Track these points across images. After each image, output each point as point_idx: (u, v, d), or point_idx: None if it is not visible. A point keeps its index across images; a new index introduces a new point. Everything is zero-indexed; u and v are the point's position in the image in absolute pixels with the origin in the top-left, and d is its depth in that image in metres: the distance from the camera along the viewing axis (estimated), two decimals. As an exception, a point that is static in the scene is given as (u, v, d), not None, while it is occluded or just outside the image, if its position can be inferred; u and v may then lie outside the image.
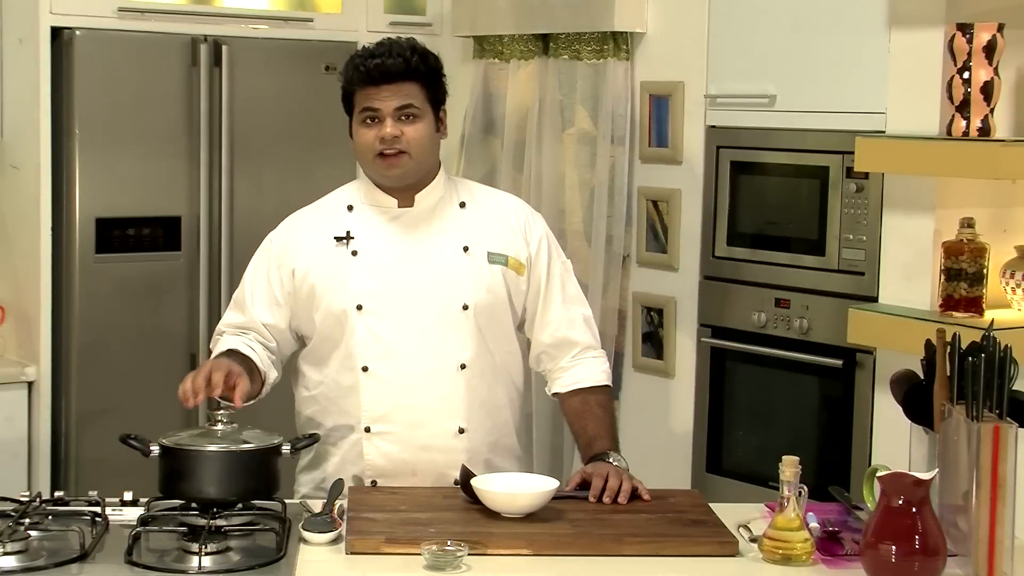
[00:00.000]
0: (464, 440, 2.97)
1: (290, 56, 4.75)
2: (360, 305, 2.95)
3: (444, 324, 2.96)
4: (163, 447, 2.69)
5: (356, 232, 3.00)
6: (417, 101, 2.93)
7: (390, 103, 2.91)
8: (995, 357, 2.46)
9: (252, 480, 2.69)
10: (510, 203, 3.14)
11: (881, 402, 3.80)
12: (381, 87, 2.90)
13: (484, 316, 2.98)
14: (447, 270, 2.97)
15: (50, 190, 4.38)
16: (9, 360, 4.51)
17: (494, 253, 3.01)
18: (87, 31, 4.39)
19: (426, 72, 2.94)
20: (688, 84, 4.40)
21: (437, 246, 2.99)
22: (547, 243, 3.09)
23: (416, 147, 2.93)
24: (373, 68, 2.91)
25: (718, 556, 2.54)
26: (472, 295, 2.97)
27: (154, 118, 4.49)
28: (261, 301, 3.03)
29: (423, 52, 2.96)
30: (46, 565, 2.40)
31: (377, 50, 2.94)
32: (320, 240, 3.01)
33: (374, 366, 2.95)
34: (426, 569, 2.42)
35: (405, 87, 2.91)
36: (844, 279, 3.97)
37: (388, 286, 2.96)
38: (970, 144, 3.52)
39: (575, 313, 3.10)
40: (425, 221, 3.00)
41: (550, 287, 3.07)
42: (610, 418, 3.09)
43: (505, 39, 4.89)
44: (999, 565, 2.41)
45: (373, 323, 2.95)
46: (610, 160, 4.55)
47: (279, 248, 3.06)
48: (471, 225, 3.02)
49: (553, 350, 3.09)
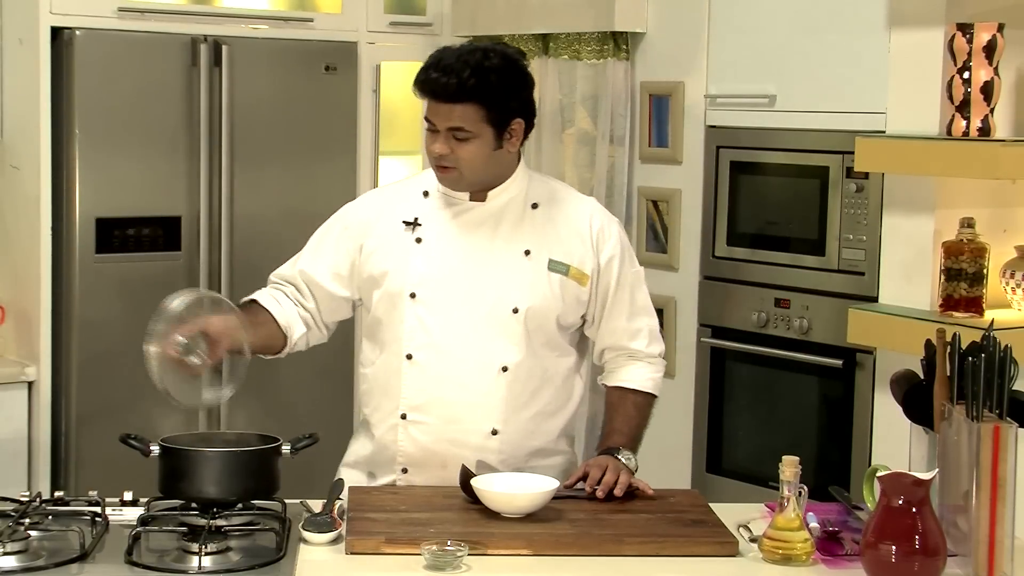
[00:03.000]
0: (496, 442, 2.95)
1: (290, 56, 4.75)
2: (414, 293, 2.94)
3: (492, 324, 2.94)
4: (163, 447, 2.69)
5: (424, 220, 2.99)
6: (469, 123, 2.84)
7: (442, 121, 2.86)
8: (995, 357, 2.46)
9: (252, 480, 2.69)
10: (586, 209, 3.06)
11: (881, 402, 3.80)
12: (436, 103, 2.87)
13: (534, 322, 2.95)
14: (504, 271, 2.95)
15: (50, 190, 4.38)
16: (9, 360, 4.51)
17: (556, 261, 2.97)
18: (87, 31, 4.39)
19: (485, 93, 2.84)
20: (688, 84, 4.40)
21: (499, 246, 2.96)
22: (620, 253, 3.04)
23: (467, 166, 2.89)
24: (428, 83, 2.86)
25: (718, 556, 2.54)
26: (524, 299, 2.94)
27: (154, 118, 4.49)
28: (317, 261, 3.04)
29: (485, 70, 2.84)
30: (46, 565, 2.40)
31: (440, 61, 2.86)
32: (391, 221, 3.01)
33: (418, 355, 2.95)
34: (426, 569, 2.42)
35: (458, 109, 2.84)
36: (844, 279, 3.97)
37: (444, 278, 2.95)
38: (970, 144, 3.52)
39: (640, 324, 3.08)
40: (493, 219, 2.98)
41: (618, 298, 3.04)
42: (640, 420, 3.09)
43: (505, 39, 4.89)
44: (999, 565, 2.41)
45: (423, 313, 2.94)
46: (610, 160, 4.56)
47: (354, 220, 3.05)
48: (539, 229, 2.98)
49: (611, 352, 3.10)
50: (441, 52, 2.91)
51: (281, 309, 3.02)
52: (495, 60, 2.87)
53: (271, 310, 3.01)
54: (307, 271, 3.04)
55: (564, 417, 3.06)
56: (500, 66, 2.87)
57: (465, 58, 2.85)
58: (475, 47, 2.90)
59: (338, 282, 3.04)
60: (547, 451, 3.03)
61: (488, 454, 2.94)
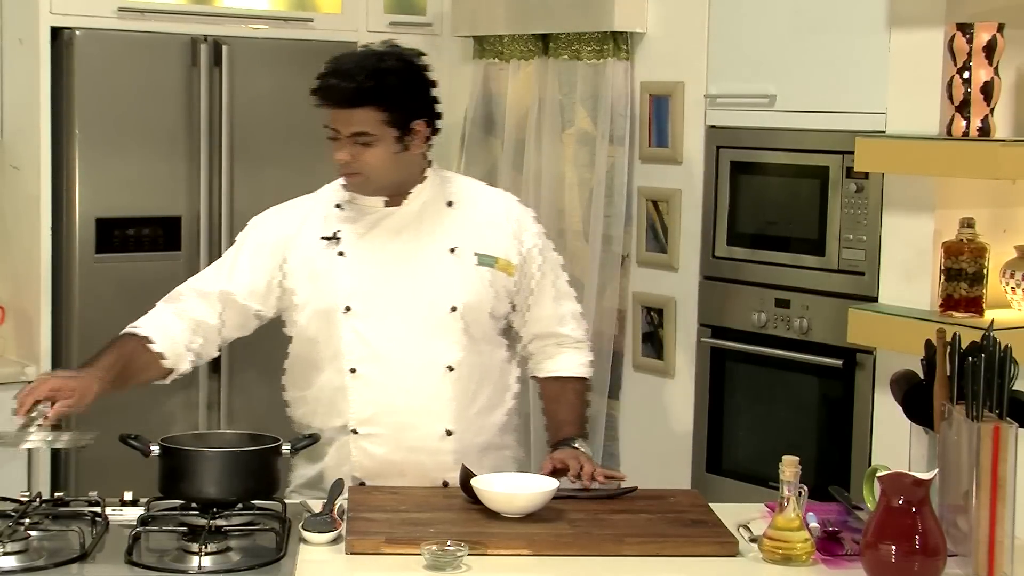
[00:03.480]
0: (452, 442, 2.96)
1: (290, 56, 4.74)
2: (347, 307, 2.93)
3: (431, 326, 2.94)
4: (163, 447, 2.69)
5: (344, 232, 2.97)
6: (371, 127, 2.84)
7: (341, 126, 2.85)
8: (995, 357, 2.46)
9: (252, 480, 2.69)
10: (502, 202, 3.11)
11: (881, 402, 3.79)
12: (336, 109, 2.85)
13: (471, 318, 2.97)
14: (434, 272, 2.95)
15: (50, 190, 4.38)
16: (9, 360, 4.51)
17: (482, 254, 2.99)
18: (87, 31, 4.39)
19: (384, 95, 2.83)
20: (688, 84, 4.40)
21: (425, 247, 2.96)
22: (539, 241, 3.09)
23: (372, 170, 2.88)
24: (326, 90, 2.85)
25: (718, 556, 2.54)
26: (459, 297, 2.95)
27: (154, 118, 4.49)
28: (234, 277, 2.98)
29: (382, 72, 2.84)
30: (46, 565, 2.40)
31: (336, 67, 2.86)
32: (309, 238, 2.98)
33: (361, 368, 2.93)
34: (426, 569, 2.42)
35: (357, 113, 2.83)
36: (844, 279, 3.97)
37: (375, 288, 2.94)
38: (970, 144, 3.52)
39: (565, 309, 3.12)
40: (414, 221, 2.97)
41: (543, 284, 3.08)
42: (583, 406, 3.12)
43: (505, 39, 4.89)
44: (999, 565, 2.41)
45: (360, 325, 2.93)
46: (609, 160, 4.55)
47: (271, 236, 3.01)
48: (460, 225, 2.99)
49: (539, 342, 3.12)
50: (338, 58, 2.90)
51: (171, 344, 2.94)
52: (392, 62, 2.86)
53: (162, 351, 2.92)
54: (225, 287, 2.98)
55: (504, 410, 3.07)
56: (398, 68, 2.87)
57: (362, 62, 2.85)
58: (372, 51, 2.90)
59: (253, 299, 2.99)
60: (495, 446, 3.05)
61: (444, 456, 2.95)
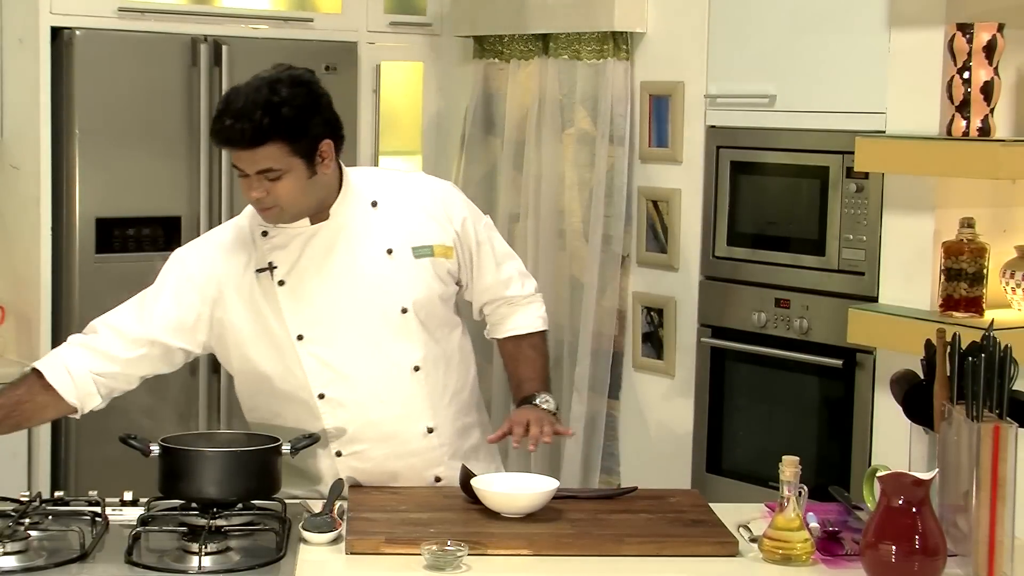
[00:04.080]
0: (435, 438, 2.95)
1: (290, 56, 4.66)
2: (300, 335, 2.87)
3: (388, 332, 2.90)
4: (163, 447, 2.69)
5: (277, 260, 2.89)
6: (276, 162, 2.73)
7: (248, 166, 2.75)
8: (995, 357, 2.46)
9: (252, 480, 2.69)
10: (422, 186, 3.05)
11: (881, 402, 3.80)
12: (238, 151, 2.74)
13: (424, 312, 2.94)
14: (377, 277, 2.90)
15: (50, 190, 4.38)
16: (9, 360, 4.51)
17: (418, 247, 2.94)
18: (87, 31, 4.39)
19: (283, 129, 2.73)
20: (688, 84, 4.40)
21: (361, 256, 2.90)
22: (468, 212, 3.04)
23: (286, 201, 2.80)
24: (223, 132, 2.74)
25: (718, 556, 2.54)
26: (407, 296, 2.91)
27: (154, 118, 4.49)
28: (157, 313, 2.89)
29: (276, 105, 2.73)
30: (46, 565, 2.40)
31: (227, 108, 2.74)
32: (240, 272, 2.89)
33: (330, 391, 2.89)
34: (426, 569, 2.42)
35: (260, 152, 2.72)
36: (844, 279, 3.97)
37: (323, 310, 2.88)
38: (970, 144, 3.52)
39: (509, 271, 3.11)
40: (343, 232, 2.90)
41: (483, 253, 3.05)
42: (542, 360, 3.13)
43: (505, 39, 4.89)
44: (999, 565, 2.41)
45: (317, 350, 2.88)
46: (609, 160, 4.55)
47: (197, 272, 2.91)
48: (388, 224, 2.94)
49: (490, 306, 3.12)
50: (229, 96, 2.78)
51: (73, 386, 2.82)
52: (284, 91, 2.77)
53: (61, 391, 2.81)
54: (146, 325, 2.88)
55: (469, 387, 3.07)
56: (291, 96, 2.76)
57: (253, 98, 2.74)
58: (261, 82, 2.78)
59: (180, 336, 2.90)
60: (470, 426, 3.05)
61: (431, 452, 2.95)
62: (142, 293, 2.96)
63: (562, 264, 4.72)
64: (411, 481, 2.94)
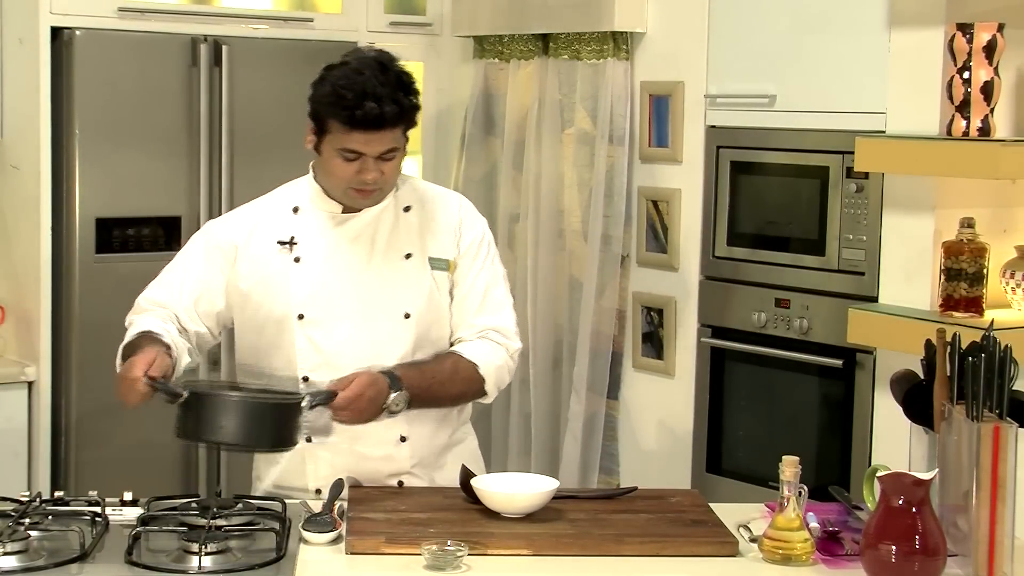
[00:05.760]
0: (407, 448, 2.93)
1: (290, 56, 4.74)
2: (301, 314, 2.88)
3: (385, 333, 2.90)
4: (193, 391, 2.66)
5: (300, 237, 2.92)
6: (398, 141, 2.81)
7: (376, 148, 2.78)
8: (995, 357, 2.46)
9: (274, 431, 2.68)
10: (453, 203, 3.04)
11: (881, 402, 3.80)
12: (372, 132, 2.76)
13: (425, 323, 2.93)
14: (389, 278, 2.91)
15: (50, 190, 4.38)
16: (9, 360, 4.51)
17: (436, 259, 2.95)
18: (87, 31, 4.38)
19: (414, 108, 2.81)
20: (688, 84, 4.40)
21: (380, 253, 2.92)
22: (477, 247, 3.00)
23: (391, 181, 2.86)
24: (367, 116, 2.74)
25: (718, 556, 2.54)
26: (414, 303, 2.91)
27: (154, 118, 4.49)
28: (195, 287, 2.94)
29: (408, 86, 2.79)
30: (46, 565, 2.40)
31: (366, 91, 2.74)
32: (263, 241, 2.94)
33: (314, 375, 2.88)
34: (426, 569, 2.42)
35: (393, 132, 2.78)
36: (844, 279, 3.97)
37: (330, 295, 2.89)
38: (970, 144, 3.52)
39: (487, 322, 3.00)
40: (370, 227, 2.92)
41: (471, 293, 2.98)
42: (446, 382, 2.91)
43: (505, 39, 4.89)
44: (999, 565, 2.41)
45: (313, 332, 2.89)
46: (609, 160, 4.55)
47: (223, 240, 2.96)
48: (415, 231, 2.95)
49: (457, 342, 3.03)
50: (357, 81, 2.76)
51: (171, 339, 2.85)
52: (405, 75, 2.81)
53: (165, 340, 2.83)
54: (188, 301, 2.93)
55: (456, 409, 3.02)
56: (411, 78, 2.82)
57: (383, 80, 2.75)
58: (373, 64, 2.78)
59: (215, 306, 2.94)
60: (449, 445, 3.01)
61: (400, 462, 2.93)
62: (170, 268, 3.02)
63: (561, 264, 4.72)
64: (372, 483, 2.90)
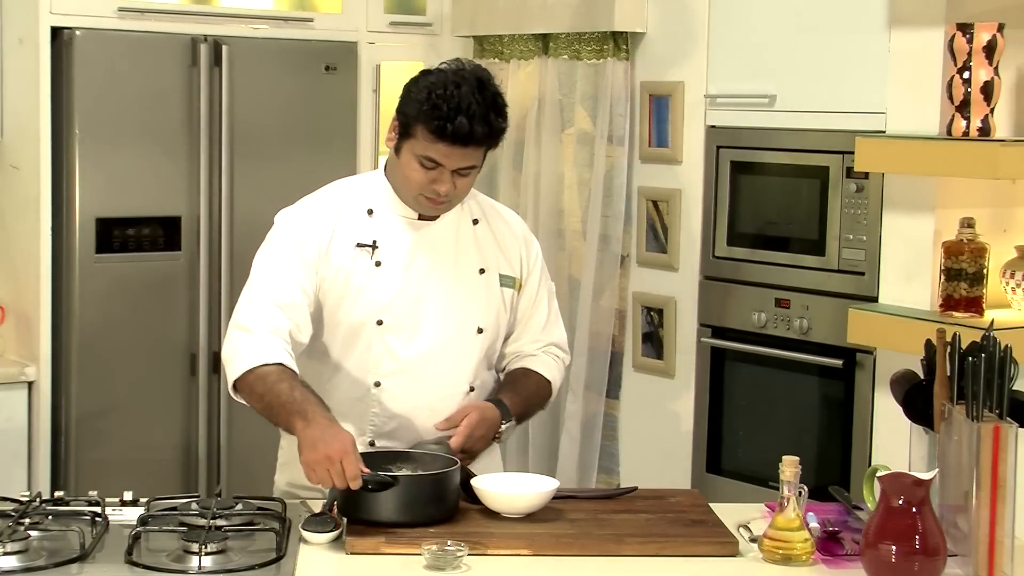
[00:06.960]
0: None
1: (290, 56, 4.75)
2: (381, 320, 2.86)
3: (458, 346, 2.91)
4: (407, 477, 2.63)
5: (380, 241, 2.88)
6: (478, 159, 2.80)
7: (456, 162, 2.76)
8: (995, 357, 2.46)
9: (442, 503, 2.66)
10: (515, 221, 3.08)
11: (881, 402, 3.80)
12: (458, 147, 2.74)
13: (490, 339, 2.95)
14: (466, 291, 2.92)
15: (50, 190, 4.38)
16: (9, 360, 4.51)
17: (505, 276, 2.97)
18: (87, 31, 4.38)
19: (501, 131, 2.79)
20: (688, 84, 4.40)
21: (456, 266, 2.92)
22: (540, 265, 3.05)
23: (462, 195, 2.86)
24: (457, 131, 2.71)
25: (718, 556, 2.54)
26: (486, 319, 2.93)
27: (154, 118, 4.49)
28: (299, 292, 2.83)
29: (500, 108, 2.78)
30: (46, 565, 2.40)
31: (461, 107, 2.71)
32: (343, 242, 2.88)
33: (387, 382, 2.88)
34: (426, 569, 2.42)
35: (477, 150, 2.77)
36: (844, 279, 3.97)
37: (410, 303, 2.87)
38: (970, 144, 3.52)
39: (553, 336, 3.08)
40: (444, 237, 2.92)
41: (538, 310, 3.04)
42: (537, 400, 3.01)
43: (505, 39, 4.89)
44: (999, 565, 2.41)
45: (391, 339, 2.87)
46: (609, 160, 4.56)
47: (308, 237, 2.87)
48: (485, 245, 2.96)
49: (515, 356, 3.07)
50: (455, 94, 2.73)
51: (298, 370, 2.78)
52: (500, 97, 2.80)
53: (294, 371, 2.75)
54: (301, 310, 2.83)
55: None
56: (504, 101, 2.82)
57: (479, 99, 2.74)
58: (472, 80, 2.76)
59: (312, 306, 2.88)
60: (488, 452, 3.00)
61: None
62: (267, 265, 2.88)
63: (561, 264, 4.72)
64: None
